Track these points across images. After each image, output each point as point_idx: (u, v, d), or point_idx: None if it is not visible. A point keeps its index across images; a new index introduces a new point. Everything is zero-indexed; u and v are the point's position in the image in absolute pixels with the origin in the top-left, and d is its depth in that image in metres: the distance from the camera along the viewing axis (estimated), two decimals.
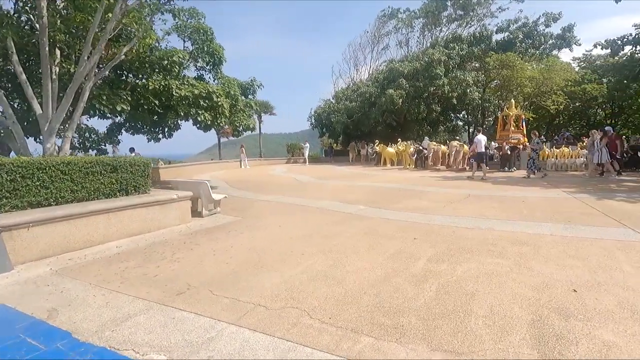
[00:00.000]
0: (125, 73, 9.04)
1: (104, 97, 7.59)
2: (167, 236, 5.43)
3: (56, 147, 6.74)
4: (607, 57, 32.31)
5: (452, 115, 31.41)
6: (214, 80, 12.09)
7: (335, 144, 34.21)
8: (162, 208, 5.88)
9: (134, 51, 7.32)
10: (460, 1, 31.38)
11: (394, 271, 3.61)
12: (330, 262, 3.95)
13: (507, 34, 26.16)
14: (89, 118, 10.12)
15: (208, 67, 11.85)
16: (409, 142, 20.85)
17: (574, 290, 2.98)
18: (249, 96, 12.81)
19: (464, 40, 24.08)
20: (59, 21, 6.87)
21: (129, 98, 8.48)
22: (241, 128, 11.41)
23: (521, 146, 15.49)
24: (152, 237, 5.40)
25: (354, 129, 26.20)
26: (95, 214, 4.96)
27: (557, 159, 14.41)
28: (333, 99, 30.38)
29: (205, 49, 10.51)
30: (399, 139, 19.63)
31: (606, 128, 12.80)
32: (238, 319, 2.69)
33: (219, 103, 9.12)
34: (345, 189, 10.59)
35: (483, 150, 12.38)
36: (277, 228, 5.78)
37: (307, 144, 25.57)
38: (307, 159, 25.20)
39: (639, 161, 12.99)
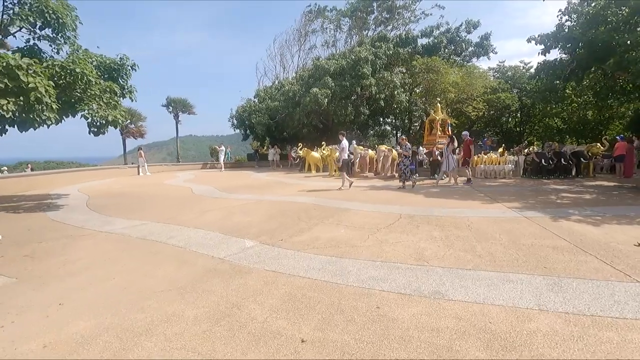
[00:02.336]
0: None
1: None
2: None
3: None
4: (518, 69, 34.95)
5: (381, 119, 30.75)
6: (57, 53, 8.58)
7: (262, 148, 31.21)
8: None
9: None
10: (386, 3, 30.99)
11: None
12: None
13: (431, 38, 26.03)
14: None
15: (52, 34, 8.34)
16: (335, 146, 19.00)
17: None
18: (120, 80, 9.47)
19: (391, 40, 23.13)
20: None
21: None
22: (99, 123, 8.03)
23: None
24: None
25: (277, 131, 23.61)
26: None
27: (485, 165, 13.54)
28: (255, 97, 27.45)
29: (29, 4, 7.05)
30: (323, 143, 17.56)
31: (463, 133, 12.30)
32: None
33: (29, 84, 5.76)
34: (245, 207, 7.93)
35: (346, 157, 10.85)
36: (52, 311, 2.92)
37: (223, 147, 22.25)
38: (222, 164, 21.92)
39: (564, 168, 12.60)
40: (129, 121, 33.65)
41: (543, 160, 12.50)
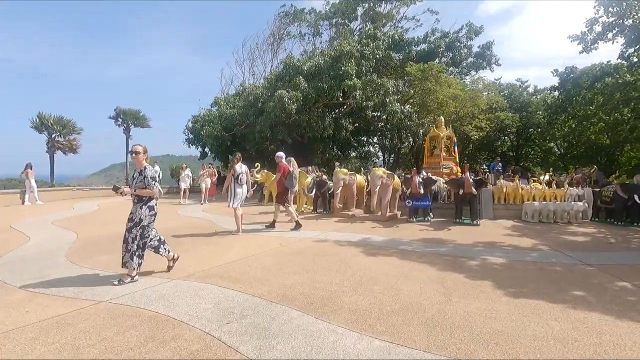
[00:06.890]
0: None
1: None
2: None
3: None
4: (515, 87, 31.65)
5: (365, 138, 26.04)
6: None
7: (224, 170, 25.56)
8: None
9: None
10: (371, 13, 26.93)
11: None
12: None
13: (427, 44, 21.88)
14: None
15: None
16: (309, 167, 13.89)
17: None
18: None
19: (380, 39, 18.72)
20: None
21: None
22: None
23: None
24: None
25: (235, 145, 18.21)
26: None
27: (539, 202, 8.65)
28: (214, 106, 22.18)
29: None
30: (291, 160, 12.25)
31: (277, 154, 7.75)
32: None
33: None
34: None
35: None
36: None
37: (157, 167, 16.70)
38: (160, 190, 16.25)
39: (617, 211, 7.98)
40: (58, 133, 27.61)
41: (637, 197, 7.75)
